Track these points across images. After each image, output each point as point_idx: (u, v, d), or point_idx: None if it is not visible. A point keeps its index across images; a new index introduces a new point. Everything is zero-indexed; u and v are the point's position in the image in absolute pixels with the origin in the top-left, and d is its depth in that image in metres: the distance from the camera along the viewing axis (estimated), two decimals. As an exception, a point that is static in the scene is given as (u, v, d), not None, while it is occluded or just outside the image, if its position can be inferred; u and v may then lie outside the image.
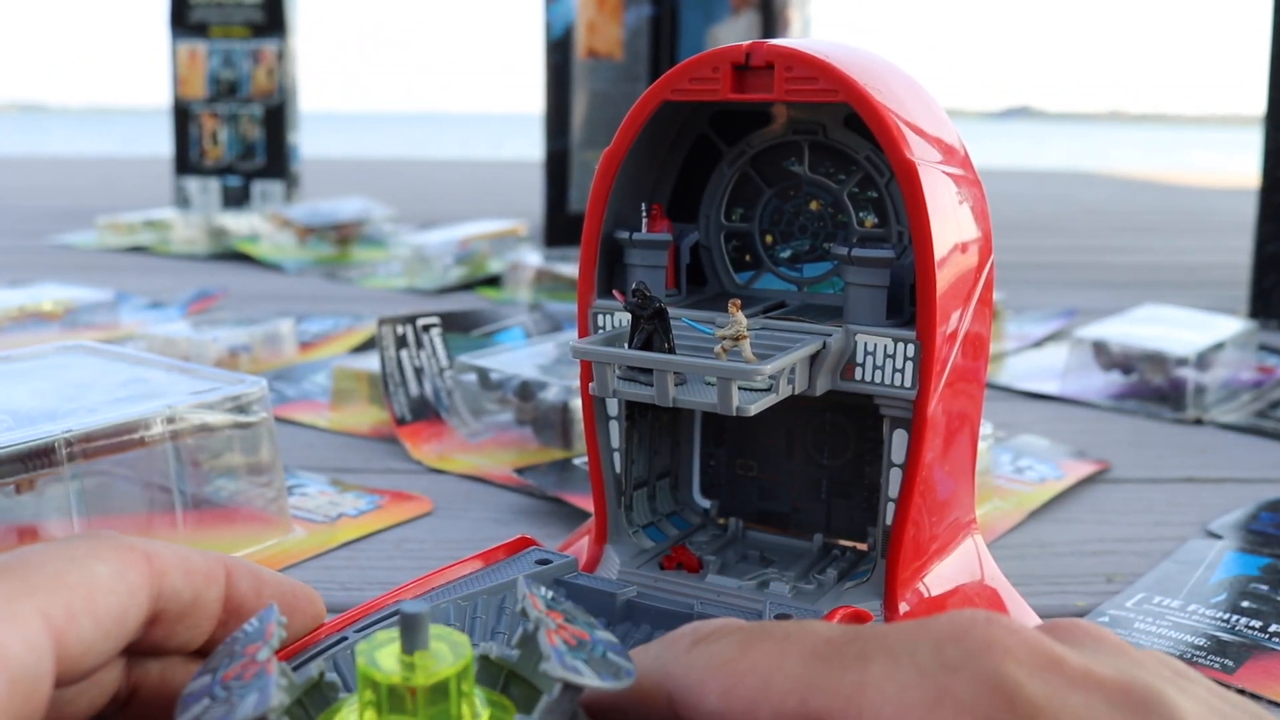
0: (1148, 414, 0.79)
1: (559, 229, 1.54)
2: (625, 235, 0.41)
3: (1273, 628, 0.46)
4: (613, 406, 0.41)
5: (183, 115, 1.74)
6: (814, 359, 0.37)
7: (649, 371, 0.36)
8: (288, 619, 0.29)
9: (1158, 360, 0.81)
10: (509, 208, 1.93)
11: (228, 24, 1.70)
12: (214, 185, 1.74)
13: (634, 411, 0.42)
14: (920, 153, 0.36)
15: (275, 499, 0.53)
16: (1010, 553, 0.54)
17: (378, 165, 3.59)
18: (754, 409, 0.34)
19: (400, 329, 0.71)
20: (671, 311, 0.38)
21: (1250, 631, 0.46)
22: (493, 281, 1.27)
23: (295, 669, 0.29)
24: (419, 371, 0.71)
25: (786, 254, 0.43)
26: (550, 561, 0.37)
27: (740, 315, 0.35)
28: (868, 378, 0.37)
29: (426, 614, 0.25)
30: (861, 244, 0.38)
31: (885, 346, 0.37)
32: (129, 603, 0.26)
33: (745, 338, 0.35)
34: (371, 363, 0.74)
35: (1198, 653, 0.44)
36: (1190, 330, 0.87)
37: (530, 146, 2.11)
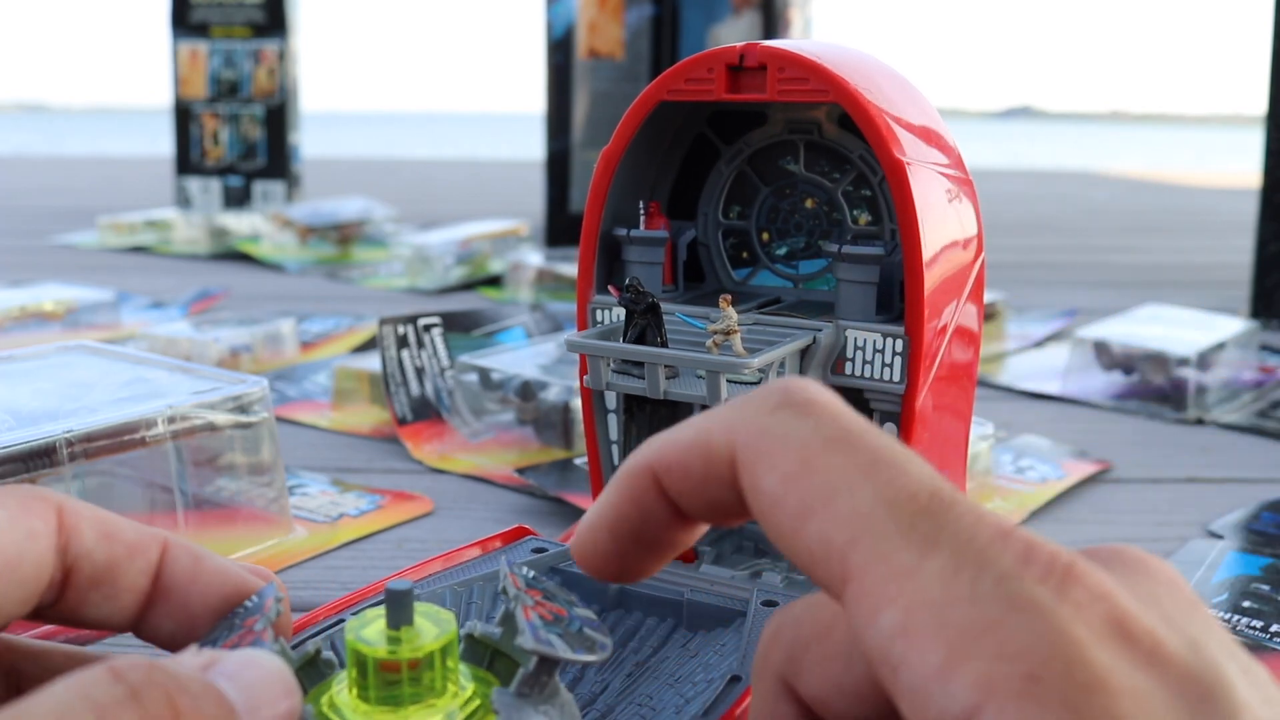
0: (1149, 414, 0.79)
1: (560, 229, 1.54)
2: (623, 232, 0.42)
3: (1274, 628, 0.46)
4: (611, 400, 0.42)
5: (184, 115, 1.74)
6: (804, 353, 0.38)
7: (642, 365, 0.37)
8: (215, 597, 0.28)
9: (1159, 360, 0.81)
10: (510, 208, 1.93)
11: (229, 24, 1.70)
12: (215, 185, 1.74)
13: (632, 405, 0.42)
14: (910, 152, 0.36)
15: (276, 499, 0.53)
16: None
17: (378, 165, 3.59)
18: None
19: (401, 329, 0.71)
20: (666, 307, 0.38)
21: (1252, 631, 0.46)
22: (494, 281, 1.27)
23: (293, 648, 0.29)
24: (420, 371, 0.71)
25: (782, 251, 0.44)
26: (546, 550, 0.38)
27: (731, 310, 0.36)
28: (858, 372, 0.38)
29: (412, 590, 0.25)
30: (853, 241, 0.39)
31: (874, 341, 0.38)
32: (26, 546, 0.25)
33: (736, 332, 0.36)
34: (373, 363, 0.75)
35: (1199, 653, 0.44)
36: (1191, 330, 0.87)
37: (531, 146, 2.11)
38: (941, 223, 0.37)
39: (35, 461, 0.44)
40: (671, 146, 0.43)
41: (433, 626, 0.26)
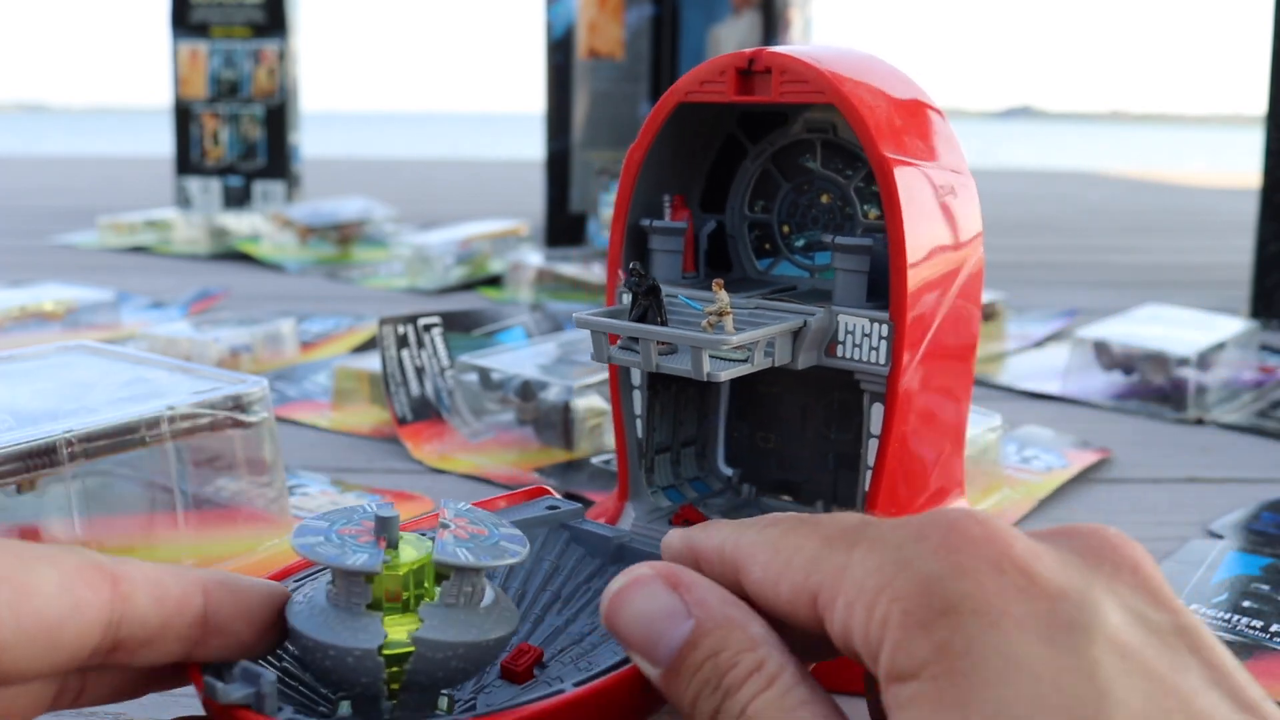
0: (1149, 414, 0.79)
1: (560, 229, 1.54)
2: (648, 223, 0.45)
3: (1274, 627, 0.46)
4: (635, 377, 0.46)
5: (184, 115, 1.74)
6: (797, 336, 0.41)
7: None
8: (253, 614, 0.30)
9: (1159, 360, 0.81)
10: (510, 208, 1.93)
11: (229, 24, 1.70)
12: (215, 185, 1.74)
13: (656, 383, 0.46)
14: (901, 150, 0.39)
15: (276, 499, 0.53)
16: (1011, 553, 0.54)
17: (378, 165, 3.59)
18: (724, 376, 0.38)
19: (401, 329, 0.71)
20: (671, 290, 0.42)
21: (1252, 631, 0.46)
22: (494, 281, 1.27)
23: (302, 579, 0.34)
24: (420, 371, 0.71)
25: (800, 243, 0.47)
26: (558, 508, 0.41)
27: (723, 294, 0.39)
28: (848, 354, 0.41)
29: (397, 516, 0.30)
30: (855, 233, 0.43)
31: (863, 326, 0.40)
32: (70, 616, 0.25)
33: (728, 313, 0.39)
34: (373, 363, 0.75)
35: (1199, 653, 0.44)
36: (1191, 330, 0.87)
37: (531, 146, 2.11)
38: (929, 218, 0.40)
39: (35, 461, 0.44)
40: (703, 146, 0.47)
41: (413, 552, 0.30)
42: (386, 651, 0.28)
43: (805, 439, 0.48)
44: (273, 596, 0.30)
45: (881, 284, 0.41)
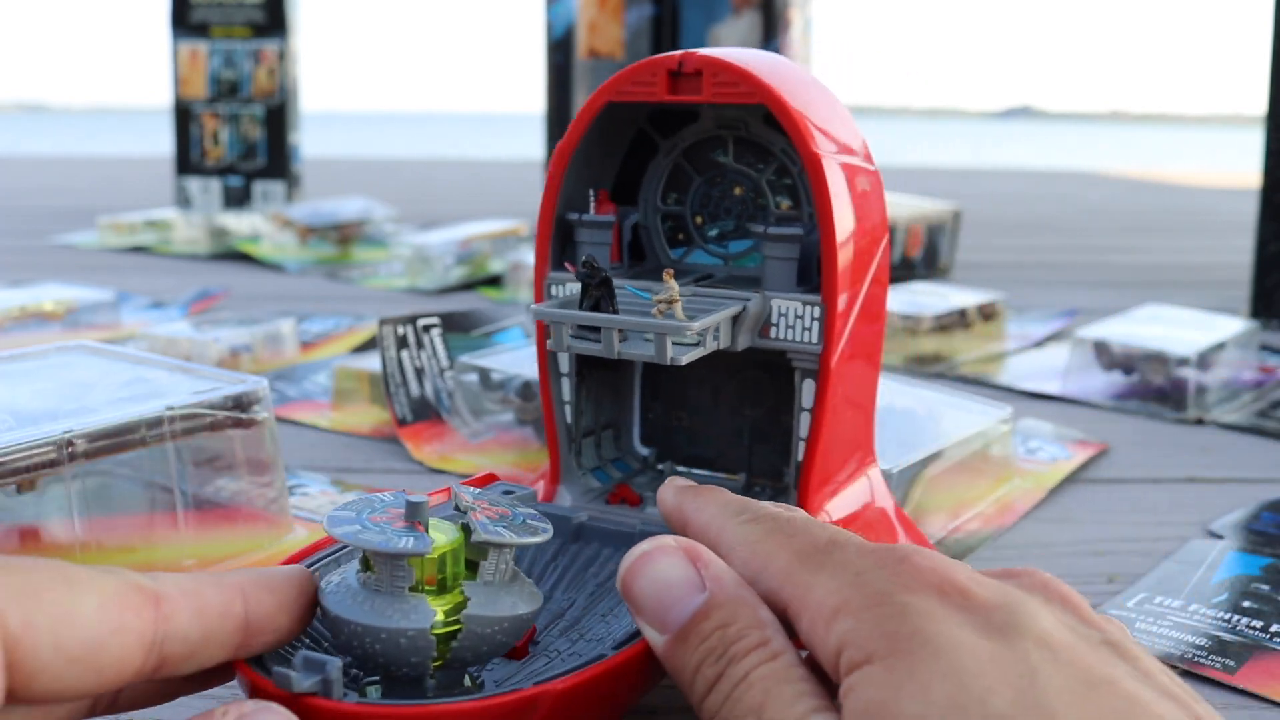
0: (1149, 414, 0.79)
1: (560, 229, 1.54)
2: (575, 217, 0.47)
3: (1274, 627, 0.46)
4: (564, 364, 0.48)
5: (184, 115, 1.74)
6: (736, 319, 0.43)
7: (597, 330, 0.42)
8: (290, 604, 0.30)
9: (1159, 360, 0.81)
10: (510, 208, 1.93)
11: (229, 24, 1.70)
12: (215, 185, 1.74)
13: (583, 369, 0.48)
14: (824, 147, 0.42)
15: (276, 499, 0.53)
16: (1013, 553, 0.54)
17: (378, 165, 3.59)
18: (685, 359, 0.41)
19: (401, 329, 0.71)
20: (615, 280, 0.44)
21: (1251, 631, 0.46)
22: (494, 281, 1.27)
23: (310, 566, 0.35)
24: (420, 372, 0.71)
25: (714, 233, 0.50)
26: (514, 492, 0.42)
27: (673, 283, 0.41)
28: (781, 335, 0.44)
29: (426, 502, 0.31)
30: (776, 223, 0.45)
31: (795, 309, 0.43)
32: (110, 640, 0.25)
33: (677, 301, 0.41)
34: (373, 363, 0.75)
35: (1199, 652, 0.44)
36: (1191, 330, 0.87)
37: (531, 146, 2.11)
38: (850, 208, 0.43)
39: (35, 461, 0.44)
40: (617, 141, 0.49)
41: (443, 536, 0.31)
42: (436, 631, 0.30)
43: (718, 416, 0.50)
44: (301, 581, 0.31)
45: (806, 269, 0.44)
